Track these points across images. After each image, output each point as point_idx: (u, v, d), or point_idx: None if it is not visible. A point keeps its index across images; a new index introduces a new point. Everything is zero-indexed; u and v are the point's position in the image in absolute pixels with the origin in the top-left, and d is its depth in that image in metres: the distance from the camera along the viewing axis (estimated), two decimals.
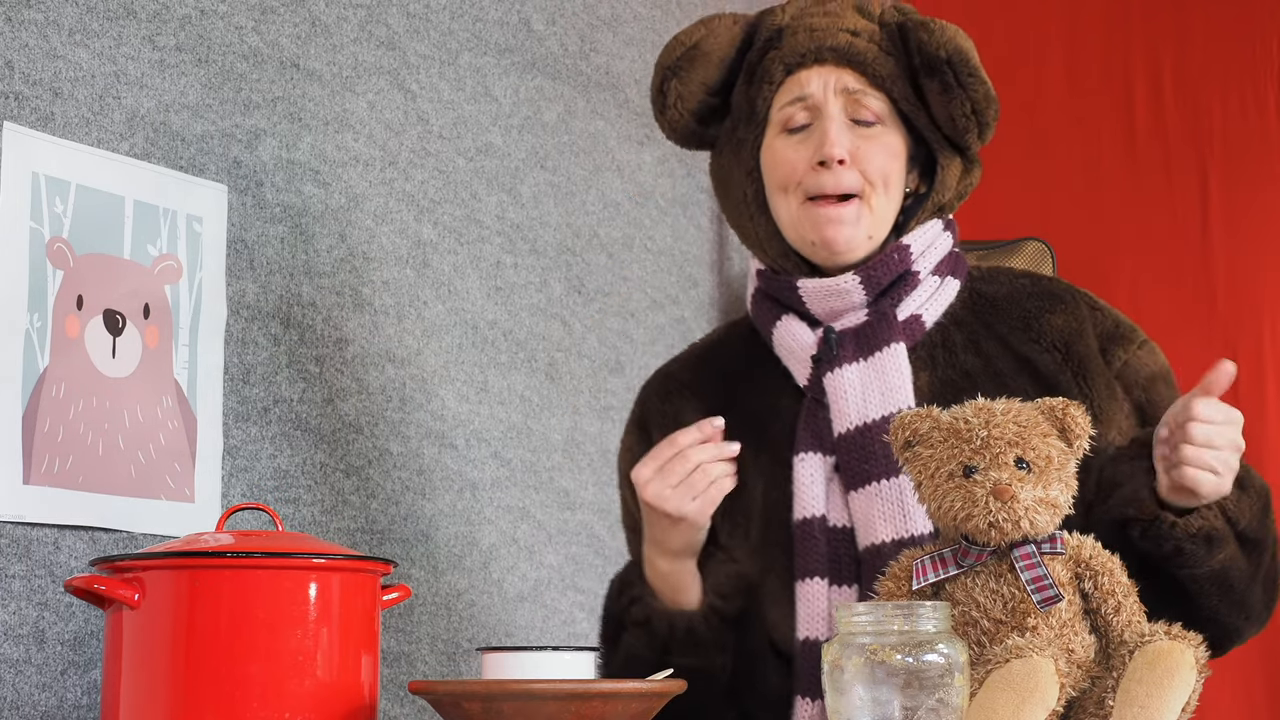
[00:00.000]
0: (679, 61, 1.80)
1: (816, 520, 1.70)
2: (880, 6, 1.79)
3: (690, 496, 1.65)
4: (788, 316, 1.79)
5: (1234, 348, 2.87)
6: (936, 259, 1.79)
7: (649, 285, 2.83)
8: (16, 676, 1.80)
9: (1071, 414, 1.49)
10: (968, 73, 1.72)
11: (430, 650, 2.31)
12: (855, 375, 1.72)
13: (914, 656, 1.32)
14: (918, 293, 1.77)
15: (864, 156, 1.73)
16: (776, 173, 1.77)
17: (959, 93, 1.72)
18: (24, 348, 1.84)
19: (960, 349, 1.76)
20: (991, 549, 1.46)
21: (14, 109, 1.86)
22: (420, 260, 2.38)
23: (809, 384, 1.76)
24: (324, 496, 2.19)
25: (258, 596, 1.47)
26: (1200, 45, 2.98)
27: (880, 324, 1.74)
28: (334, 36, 2.29)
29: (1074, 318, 1.77)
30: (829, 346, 1.74)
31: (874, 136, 1.75)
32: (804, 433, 1.74)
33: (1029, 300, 1.79)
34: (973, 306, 1.79)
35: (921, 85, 1.74)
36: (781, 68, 1.76)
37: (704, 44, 1.79)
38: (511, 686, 1.39)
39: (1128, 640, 1.41)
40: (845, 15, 1.77)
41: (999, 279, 1.83)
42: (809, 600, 1.70)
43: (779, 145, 1.77)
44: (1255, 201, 2.90)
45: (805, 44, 1.75)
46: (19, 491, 1.81)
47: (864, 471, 1.69)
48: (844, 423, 1.71)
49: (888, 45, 1.75)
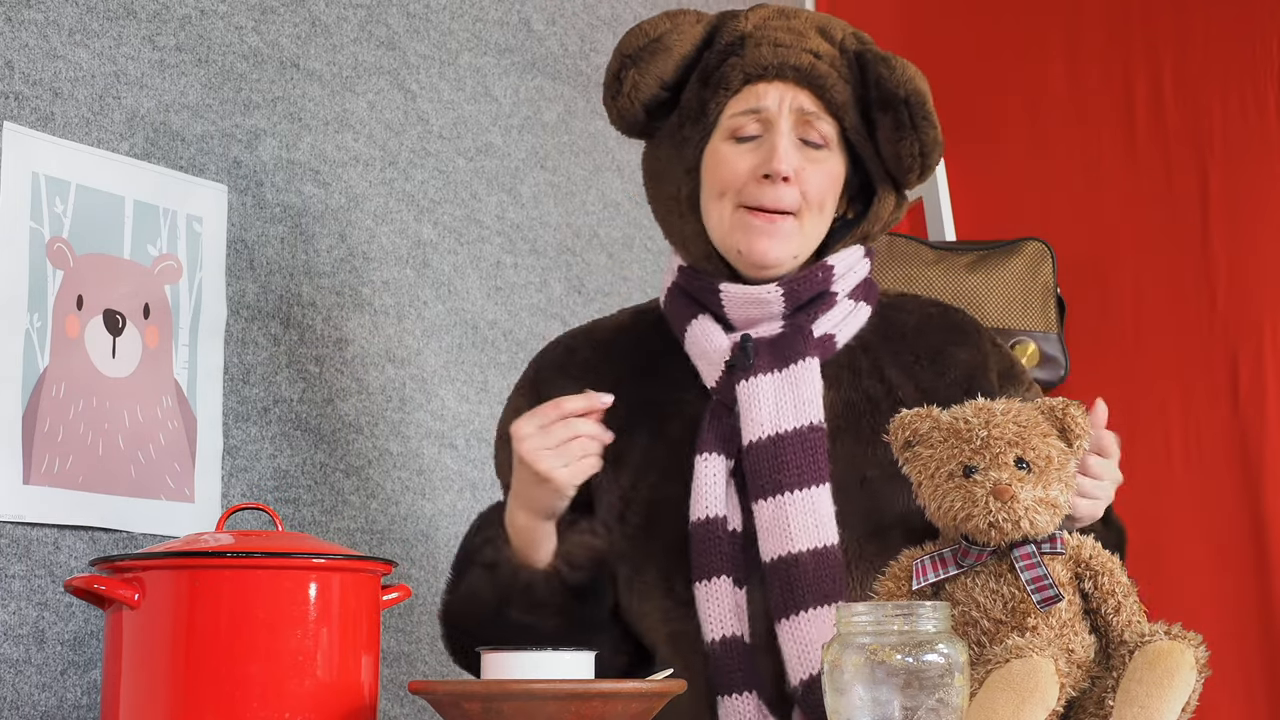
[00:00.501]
0: (640, 52, 1.79)
1: (718, 520, 1.71)
2: (842, 32, 1.80)
3: (562, 462, 1.66)
4: (703, 317, 1.80)
5: (1234, 348, 2.87)
6: (854, 283, 1.82)
7: (649, 285, 2.83)
8: (16, 676, 1.80)
9: (1071, 414, 1.49)
10: (922, 115, 1.74)
11: (430, 650, 2.31)
12: (769, 386, 1.73)
13: (914, 656, 1.32)
14: (833, 313, 1.80)
15: (807, 178, 1.75)
16: (717, 176, 1.78)
17: (910, 133, 1.75)
18: (24, 348, 1.84)
19: (865, 373, 1.79)
20: (991, 549, 1.46)
21: (14, 109, 1.86)
22: (420, 260, 2.38)
23: (718, 387, 1.77)
24: (324, 496, 2.19)
25: (258, 596, 1.47)
26: (1200, 45, 2.98)
27: (796, 337, 1.76)
28: (334, 36, 2.29)
29: (978, 352, 1.82)
30: (745, 354, 1.75)
31: (819, 160, 1.77)
32: (709, 434, 1.75)
33: (936, 332, 1.83)
34: (883, 333, 1.83)
35: (873, 119, 1.76)
36: (740, 76, 1.76)
37: (667, 39, 1.80)
38: (511, 686, 1.39)
39: (1128, 640, 1.41)
40: (809, 35, 1.78)
41: (908, 307, 1.87)
42: (715, 599, 1.70)
43: (725, 151, 1.77)
44: (1255, 202, 2.90)
45: (768, 57, 1.75)
46: (19, 491, 1.81)
47: (775, 481, 1.70)
48: (755, 431, 1.72)
49: (846, 73, 1.77)
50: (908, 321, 1.84)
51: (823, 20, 1.81)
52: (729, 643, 1.69)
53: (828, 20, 1.81)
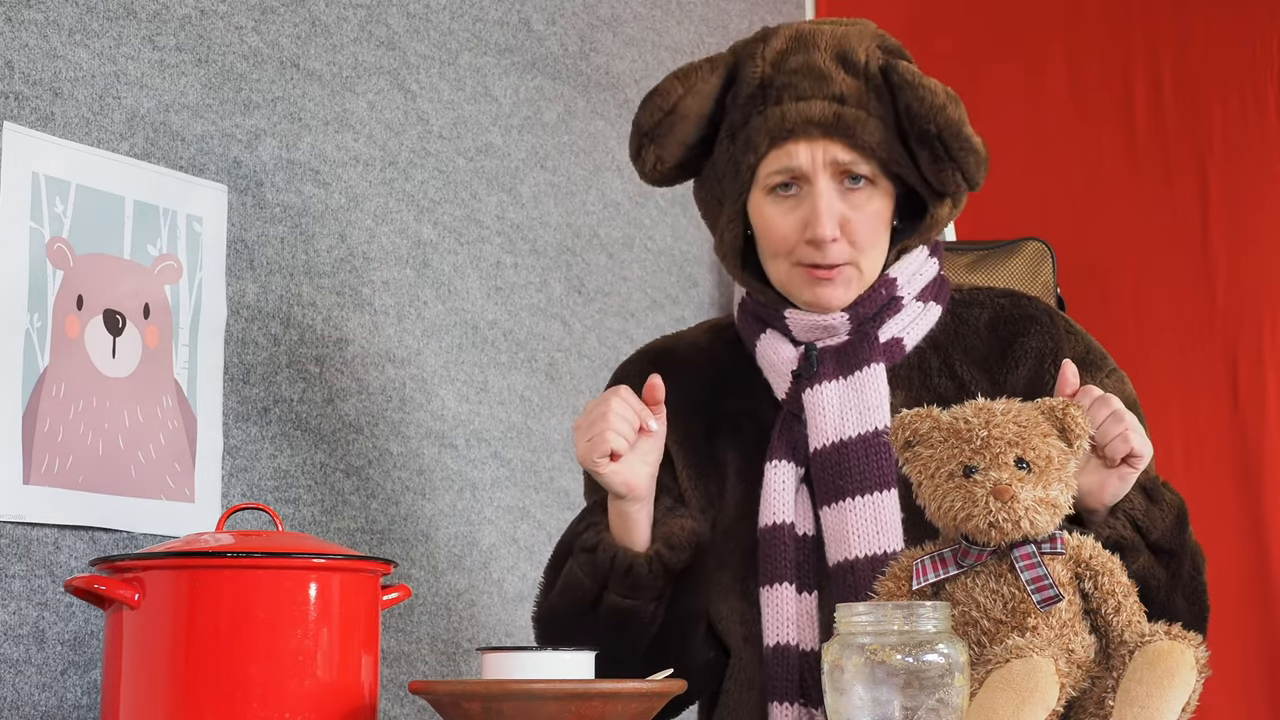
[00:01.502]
0: (656, 129, 1.77)
1: (785, 527, 1.72)
2: (865, 54, 1.73)
3: (586, 437, 1.68)
4: (771, 332, 1.81)
5: (1234, 348, 2.87)
6: (921, 285, 1.81)
7: (649, 285, 2.83)
8: (16, 676, 1.80)
9: (1071, 414, 1.49)
10: (958, 146, 1.69)
11: (430, 650, 2.31)
12: (833, 393, 1.74)
13: (914, 656, 1.32)
14: (900, 316, 1.79)
15: (854, 228, 1.73)
16: (767, 239, 1.76)
17: (949, 164, 1.70)
18: (24, 348, 1.84)
19: (935, 372, 1.78)
20: (991, 549, 1.46)
21: (14, 109, 1.86)
22: (420, 260, 2.38)
23: (787, 398, 1.78)
24: (324, 496, 2.19)
25: (258, 596, 1.47)
26: (1200, 45, 2.98)
27: (861, 344, 1.76)
28: (334, 36, 2.29)
29: (1050, 339, 1.78)
30: (809, 363, 1.76)
31: (863, 204, 1.73)
32: (779, 442, 1.76)
33: (1005, 325, 1.81)
34: (954, 331, 1.81)
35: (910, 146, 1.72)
36: (767, 139, 1.72)
37: (682, 105, 1.76)
38: (511, 686, 1.39)
39: (1128, 640, 1.41)
40: (830, 74, 1.71)
41: (981, 301, 1.84)
42: (775, 606, 1.71)
43: (768, 210, 1.75)
44: (1255, 201, 2.90)
45: (793, 117, 1.70)
46: (19, 491, 1.81)
47: (838, 487, 1.70)
48: (820, 438, 1.73)
49: (876, 106, 1.72)
50: (980, 317, 1.82)
51: (842, 44, 1.74)
52: (780, 650, 1.70)
53: (848, 41, 1.74)
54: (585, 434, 1.69)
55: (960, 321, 1.82)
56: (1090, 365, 1.77)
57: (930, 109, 1.68)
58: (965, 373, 1.78)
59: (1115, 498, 1.61)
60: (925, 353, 1.80)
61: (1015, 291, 1.87)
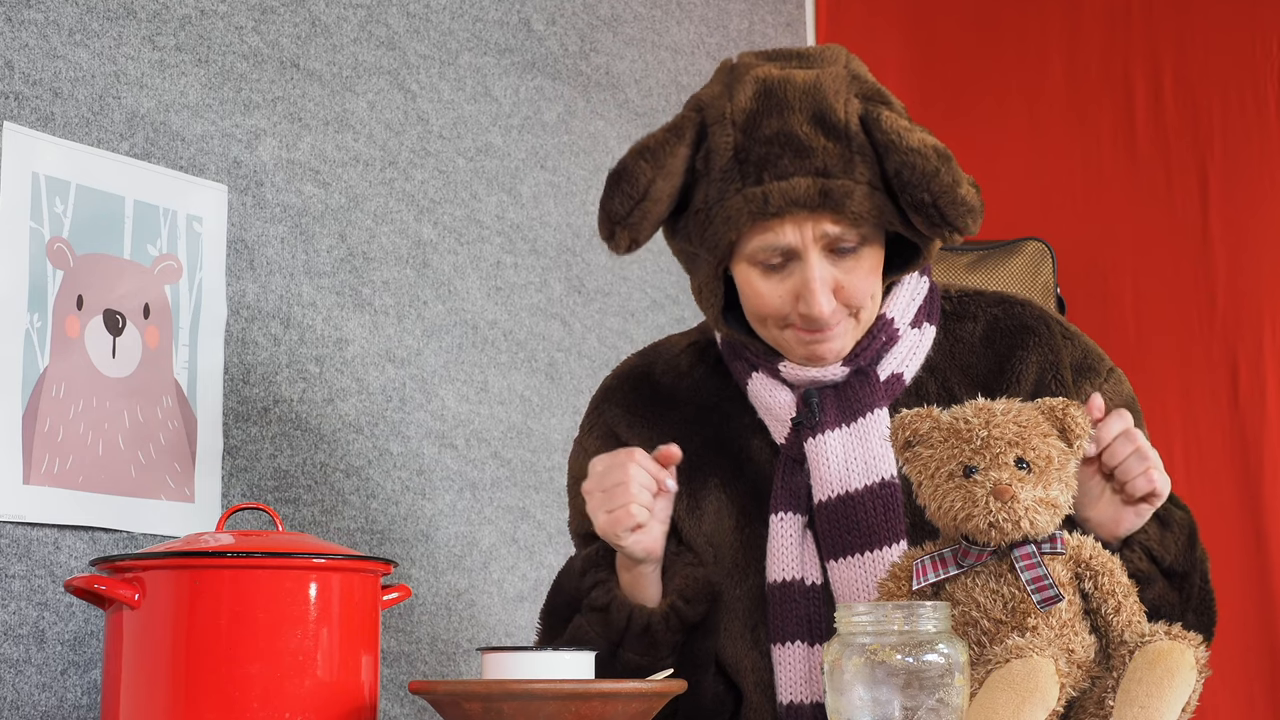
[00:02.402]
0: (629, 216, 1.65)
1: (795, 584, 1.67)
2: (844, 110, 1.61)
3: (606, 508, 1.62)
4: (762, 373, 1.74)
5: (1234, 348, 2.87)
6: (914, 310, 1.74)
7: (649, 285, 2.83)
8: (16, 676, 1.80)
9: (1071, 414, 1.49)
10: (955, 212, 1.59)
11: (430, 650, 2.31)
12: (838, 443, 1.68)
13: (914, 656, 1.32)
14: (898, 349, 1.72)
15: (848, 292, 1.64)
16: (757, 308, 1.67)
17: (944, 225, 1.61)
18: (24, 348, 1.83)
19: (933, 398, 1.72)
20: (992, 549, 1.46)
21: (14, 109, 1.86)
22: (420, 260, 2.38)
23: (787, 444, 1.71)
24: (324, 496, 2.19)
25: (258, 596, 1.47)
26: (1200, 45, 2.98)
27: (862, 386, 1.69)
28: (334, 36, 2.29)
29: (1049, 349, 1.73)
30: (811, 412, 1.69)
31: (854, 267, 1.64)
32: (781, 492, 1.69)
33: (1002, 339, 1.75)
34: (948, 350, 1.75)
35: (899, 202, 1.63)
36: (749, 219, 1.61)
37: (653, 190, 1.64)
38: (511, 686, 1.39)
39: (1128, 640, 1.41)
40: (810, 143, 1.60)
41: (972, 313, 1.78)
42: (788, 665, 1.67)
43: (758, 284, 1.65)
44: (1255, 201, 2.90)
45: (776, 199, 1.59)
46: (19, 491, 1.81)
47: (845, 542, 1.65)
48: (825, 490, 1.67)
49: (861, 170, 1.60)
50: (974, 332, 1.76)
51: (817, 100, 1.61)
52: (794, 708, 1.67)
53: (822, 96, 1.61)
54: (604, 505, 1.62)
55: (954, 340, 1.76)
56: (1088, 370, 1.74)
57: (922, 176, 1.58)
58: (963, 395, 1.71)
59: (1130, 531, 1.59)
60: (922, 379, 1.74)
61: (1007, 297, 1.80)
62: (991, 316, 1.77)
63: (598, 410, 1.84)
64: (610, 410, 1.82)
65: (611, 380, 1.86)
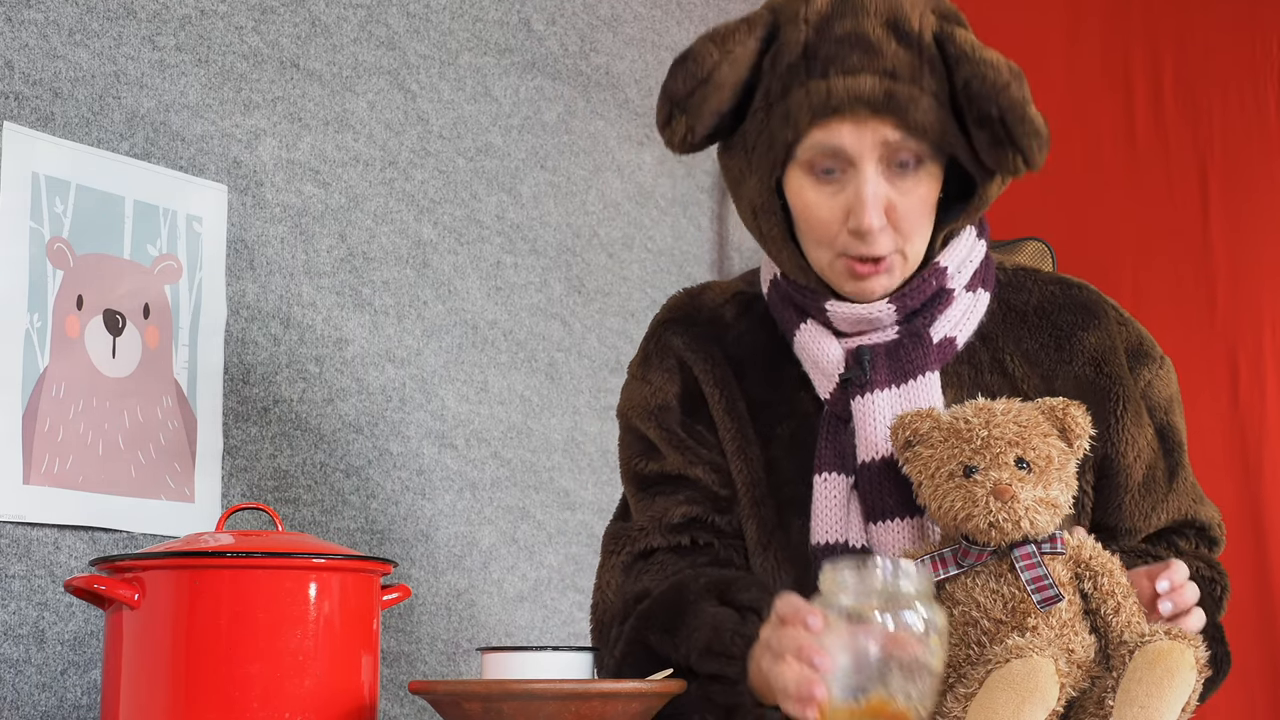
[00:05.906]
0: (688, 98, 1.60)
1: (837, 546, 1.64)
2: (919, 21, 1.57)
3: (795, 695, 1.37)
4: (811, 323, 1.69)
5: (1234, 348, 2.87)
6: (971, 272, 1.70)
7: (649, 285, 2.83)
8: (16, 676, 1.80)
9: (1071, 414, 1.49)
10: (1021, 129, 1.55)
11: (430, 650, 2.31)
12: (886, 403, 1.63)
13: (892, 616, 1.31)
14: (951, 311, 1.68)
15: (899, 214, 1.59)
16: (808, 224, 1.63)
17: (1010, 148, 1.56)
18: (24, 348, 1.84)
19: (985, 368, 1.69)
20: (992, 549, 1.46)
21: (14, 109, 1.86)
22: (420, 260, 2.38)
23: (832, 400, 1.67)
24: (324, 496, 2.19)
25: (258, 596, 1.47)
26: (1200, 45, 2.98)
27: (915, 347, 1.66)
28: (334, 36, 2.29)
29: (1105, 333, 1.71)
30: (861, 369, 1.65)
31: (910, 189, 1.59)
32: (826, 450, 1.66)
33: (1060, 314, 1.72)
34: (1001, 318, 1.72)
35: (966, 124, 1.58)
36: (809, 116, 1.56)
37: (718, 74, 1.59)
38: (511, 686, 1.39)
39: (1128, 640, 1.41)
40: (881, 45, 1.55)
41: (1027, 286, 1.75)
42: None
43: (810, 195, 1.61)
44: (1255, 201, 2.90)
45: (839, 93, 1.54)
46: (19, 491, 1.81)
47: (885, 506, 1.62)
48: (869, 451, 1.63)
49: (929, 80, 1.56)
50: (1028, 302, 1.73)
51: (894, 8, 1.58)
52: None
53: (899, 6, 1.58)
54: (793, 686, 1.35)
55: (1008, 309, 1.72)
56: (1143, 355, 1.72)
57: (993, 88, 1.54)
58: (1015, 368, 1.69)
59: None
60: (975, 346, 1.70)
61: (1063, 277, 1.78)
62: (1049, 293, 1.74)
63: (658, 338, 1.79)
64: (673, 337, 1.77)
65: (665, 314, 1.82)
